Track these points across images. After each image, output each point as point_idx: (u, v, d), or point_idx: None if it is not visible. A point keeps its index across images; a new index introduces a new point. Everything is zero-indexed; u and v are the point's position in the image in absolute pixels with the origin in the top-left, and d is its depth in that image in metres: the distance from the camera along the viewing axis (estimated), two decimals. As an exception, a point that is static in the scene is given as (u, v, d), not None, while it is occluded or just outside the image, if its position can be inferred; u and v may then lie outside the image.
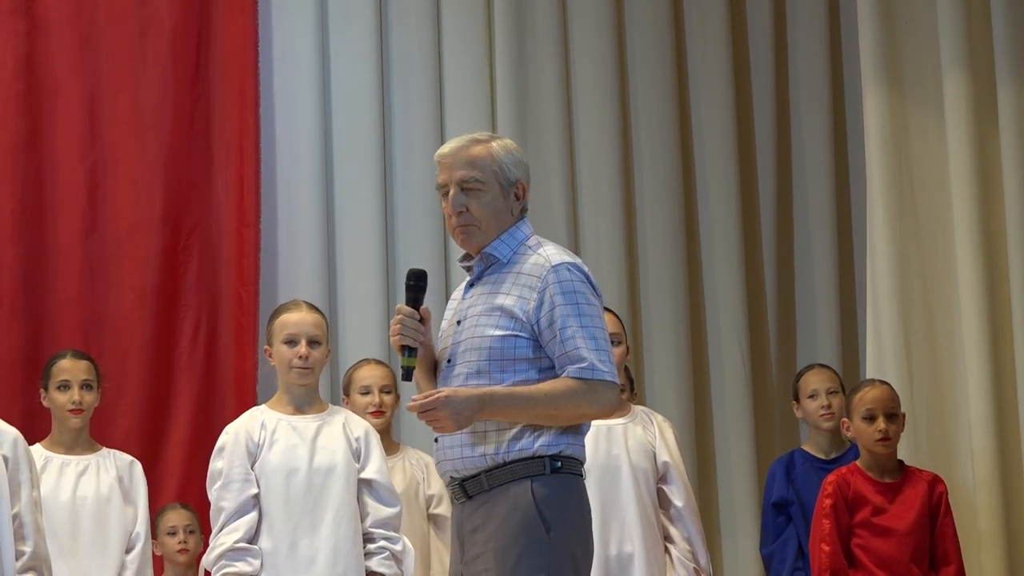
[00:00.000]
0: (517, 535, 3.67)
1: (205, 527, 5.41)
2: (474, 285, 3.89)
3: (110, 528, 5.44)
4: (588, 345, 3.71)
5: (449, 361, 3.83)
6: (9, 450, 4.68)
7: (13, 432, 4.75)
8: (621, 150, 6.75)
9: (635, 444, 5.30)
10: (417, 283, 3.86)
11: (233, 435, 4.96)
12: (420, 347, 3.83)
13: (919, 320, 6.02)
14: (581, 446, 3.80)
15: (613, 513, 5.21)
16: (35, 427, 5.59)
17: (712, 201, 6.86)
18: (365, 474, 4.98)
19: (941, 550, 5.34)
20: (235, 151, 6.33)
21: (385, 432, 5.56)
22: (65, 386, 5.44)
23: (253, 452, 4.93)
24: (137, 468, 5.57)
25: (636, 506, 5.23)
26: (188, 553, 5.71)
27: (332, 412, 5.08)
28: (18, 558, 4.61)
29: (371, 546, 4.94)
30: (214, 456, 4.97)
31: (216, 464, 4.95)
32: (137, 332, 6.23)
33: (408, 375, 3.81)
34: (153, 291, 6.27)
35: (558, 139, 6.67)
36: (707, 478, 6.70)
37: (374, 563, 4.92)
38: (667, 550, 5.30)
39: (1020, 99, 5.95)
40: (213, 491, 4.92)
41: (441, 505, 5.61)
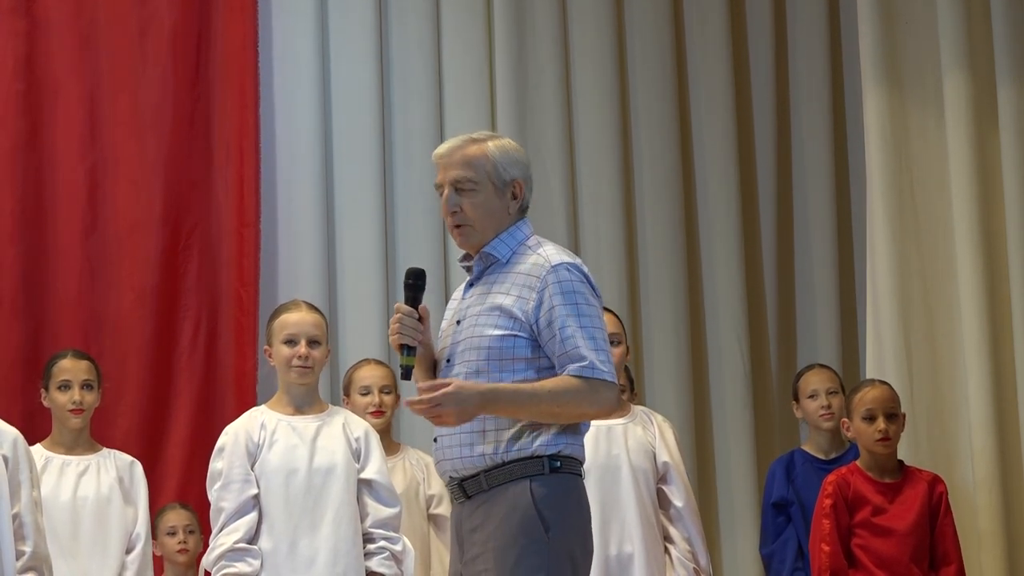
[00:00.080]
0: (516, 535, 3.66)
1: (205, 527, 5.41)
2: (474, 285, 3.89)
3: (110, 528, 5.44)
4: (588, 345, 3.71)
5: (448, 360, 3.83)
6: (9, 450, 4.68)
7: (13, 432, 4.75)
8: (621, 150, 6.75)
9: (635, 444, 5.29)
10: (416, 282, 3.85)
11: (233, 435, 4.96)
12: (419, 346, 3.82)
13: (919, 320, 6.02)
14: (580, 446, 3.80)
15: (613, 513, 5.21)
16: (35, 427, 5.59)
17: (712, 201, 6.85)
18: (365, 474, 4.98)
19: (941, 550, 5.33)
20: (235, 151, 6.33)
21: (385, 432, 5.56)
22: (66, 386, 5.44)
23: (253, 452, 4.93)
24: (137, 468, 5.57)
25: (636, 506, 5.23)
26: (188, 553, 5.71)
27: (332, 412, 5.07)
28: (18, 558, 4.61)
29: (371, 546, 4.94)
30: (214, 456, 4.97)
31: (216, 464, 4.94)
32: (137, 332, 6.23)
33: (407, 374, 3.80)
34: (153, 291, 6.26)
35: (558, 139, 6.67)
36: (707, 478, 6.70)
37: (374, 563, 4.92)
38: (667, 550, 5.30)
39: (1020, 99, 5.95)
40: (213, 491, 4.92)
41: (441, 505, 5.61)
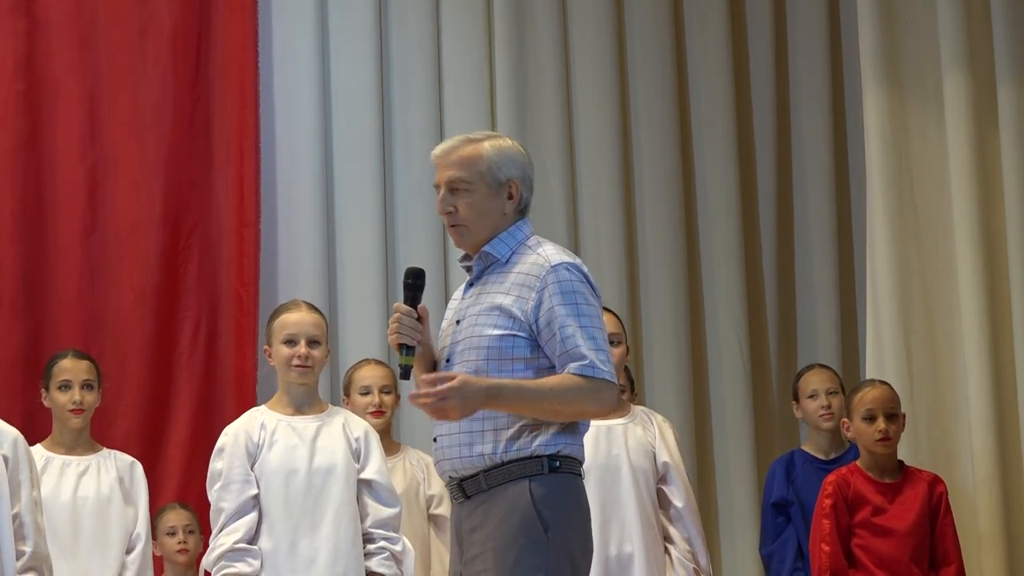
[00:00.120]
0: (515, 535, 3.66)
1: (205, 527, 5.41)
2: (473, 285, 3.89)
3: (111, 528, 5.44)
4: (588, 344, 3.70)
5: (448, 360, 3.82)
6: (9, 450, 4.69)
7: (13, 432, 4.75)
8: (621, 150, 6.75)
9: (635, 444, 5.29)
10: (415, 282, 3.85)
11: (233, 436, 4.96)
12: (418, 346, 3.82)
13: (919, 320, 6.02)
14: (579, 446, 3.79)
15: (613, 513, 5.21)
16: (35, 427, 5.59)
17: (712, 201, 6.85)
18: (365, 474, 4.98)
19: (941, 550, 5.33)
20: (235, 151, 6.33)
21: (385, 432, 5.56)
22: (66, 386, 5.44)
23: (253, 453, 4.93)
24: (138, 469, 5.57)
25: (636, 506, 5.22)
26: (188, 553, 5.71)
27: (332, 413, 5.07)
28: (18, 558, 4.62)
29: (371, 546, 4.93)
30: (214, 457, 4.97)
31: (216, 465, 4.94)
32: (137, 332, 6.23)
33: (406, 374, 3.81)
34: (153, 291, 6.26)
35: (558, 139, 6.67)
36: (707, 478, 6.70)
37: (374, 563, 4.92)
38: (667, 550, 5.30)
39: (1020, 99, 5.95)
40: (213, 492, 4.92)
41: (441, 505, 5.60)
